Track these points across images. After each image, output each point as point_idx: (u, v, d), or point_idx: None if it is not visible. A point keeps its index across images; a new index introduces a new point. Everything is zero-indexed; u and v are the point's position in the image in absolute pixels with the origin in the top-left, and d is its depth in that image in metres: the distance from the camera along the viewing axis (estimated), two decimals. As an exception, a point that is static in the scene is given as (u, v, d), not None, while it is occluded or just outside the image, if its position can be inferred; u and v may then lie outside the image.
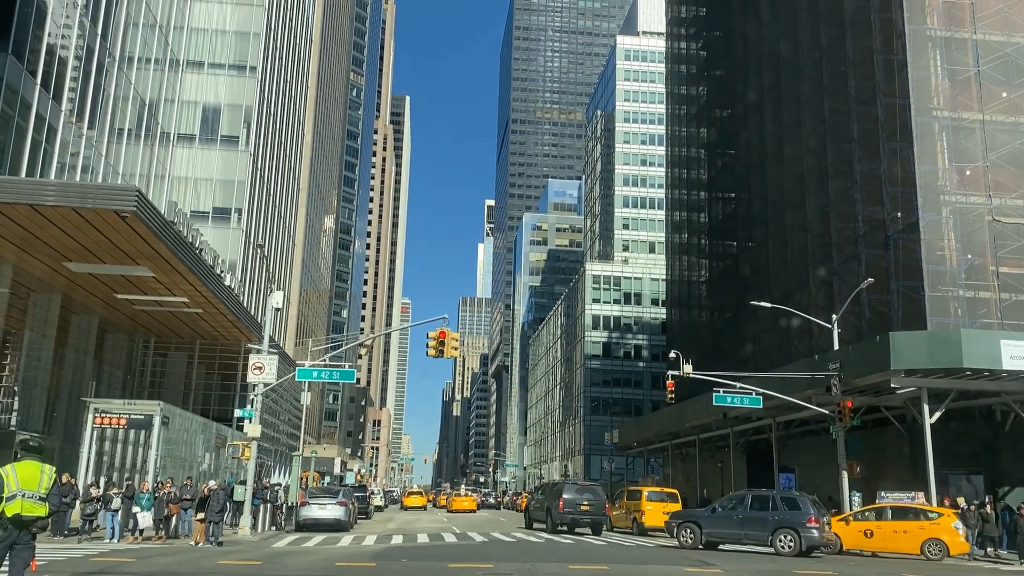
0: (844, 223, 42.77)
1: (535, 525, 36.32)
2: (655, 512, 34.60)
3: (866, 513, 26.92)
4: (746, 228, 59.30)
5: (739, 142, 62.42)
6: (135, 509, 24.19)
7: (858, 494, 31.83)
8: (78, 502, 24.08)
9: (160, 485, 26.01)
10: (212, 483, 25.47)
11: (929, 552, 24.21)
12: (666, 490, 39.47)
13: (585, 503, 33.36)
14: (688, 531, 26.01)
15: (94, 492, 24.39)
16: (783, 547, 23.71)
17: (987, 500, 27.93)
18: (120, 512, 24.19)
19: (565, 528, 33.50)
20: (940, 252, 36.04)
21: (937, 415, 28.20)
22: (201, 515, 24.13)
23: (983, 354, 27.19)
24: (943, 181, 36.89)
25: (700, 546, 25.35)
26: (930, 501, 27.27)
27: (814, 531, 23.35)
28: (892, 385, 28.78)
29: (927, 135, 36.93)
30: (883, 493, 31.00)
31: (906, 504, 27.54)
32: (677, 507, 34.46)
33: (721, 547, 25.52)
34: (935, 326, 33.68)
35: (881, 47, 39.88)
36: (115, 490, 24.90)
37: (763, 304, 39.96)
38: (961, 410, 31.59)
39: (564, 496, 33.49)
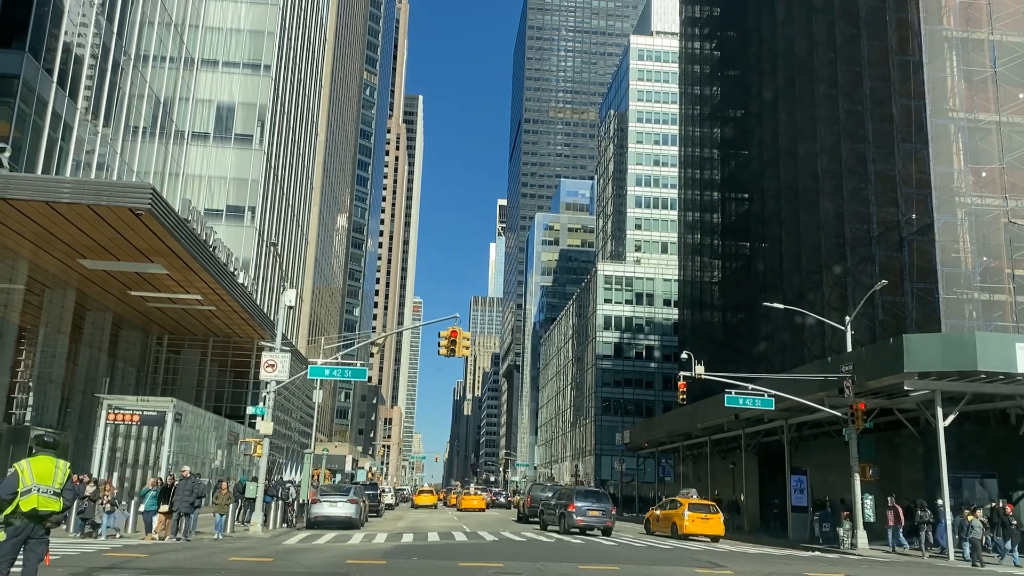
0: (858, 224, 42.54)
1: (530, 520, 44.11)
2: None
3: (664, 505, 37.00)
4: (759, 228, 59.08)
5: (753, 142, 62.19)
6: (141, 507, 23.46)
7: (871, 496, 31.66)
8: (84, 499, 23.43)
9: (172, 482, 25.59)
10: (186, 468, 24.03)
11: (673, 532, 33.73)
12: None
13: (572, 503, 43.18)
14: (540, 516, 37.73)
15: (88, 490, 23.16)
16: (558, 527, 33.50)
17: (1001, 503, 27.78)
18: (116, 510, 23.44)
19: (536, 520, 41.29)
20: (955, 254, 35.80)
21: (951, 418, 28.01)
22: (165, 507, 22.54)
23: (998, 357, 26.97)
24: (958, 182, 36.64)
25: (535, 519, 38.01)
26: (942, 503, 27.10)
27: (574, 515, 32.53)
28: (906, 387, 28.58)
29: (943, 136, 36.69)
30: (683, 490, 40.94)
31: (678, 499, 36.40)
32: None
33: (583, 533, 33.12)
34: (950, 328, 33.46)
35: (897, 47, 39.65)
36: (112, 489, 24.31)
37: (776, 305, 39.82)
38: (975, 413, 31.37)
39: (531, 495, 45.10)
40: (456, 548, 22.83)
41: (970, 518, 25.22)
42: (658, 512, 36.68)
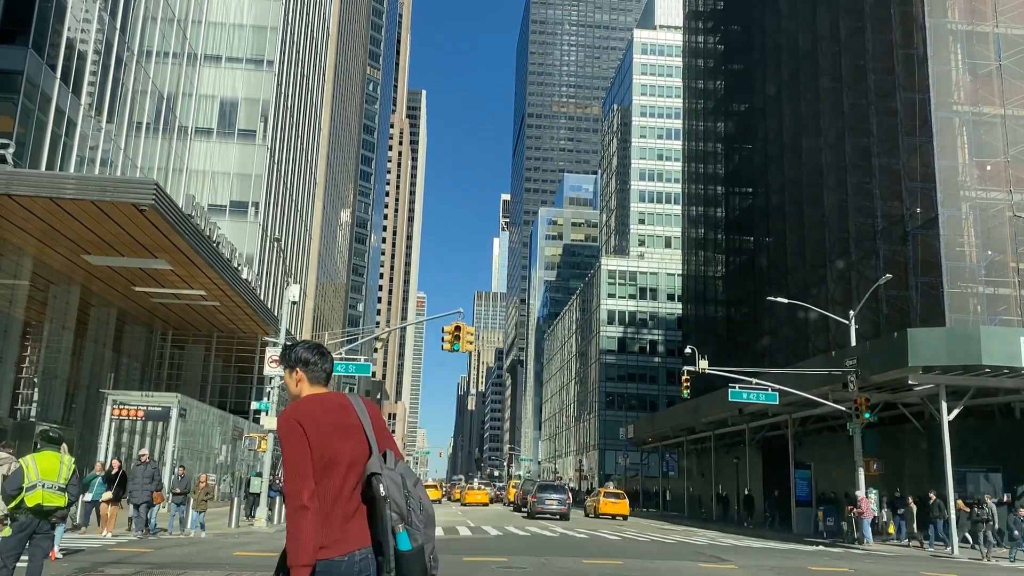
0: (863, 218, 42.47)
1: (520, 509, 50.05)
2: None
3: (594, 494, 49.72)
4: (763, 222, 59.01)
5: (756, 136, 62.09)
6: (87, 496, 21.32)
7: (875, 491, 31.65)
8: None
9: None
10: (143, 452, 22.20)
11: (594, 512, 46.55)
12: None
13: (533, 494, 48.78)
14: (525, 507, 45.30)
15: None
16: (526, 511, 42.12)
17: (1005, 497, 27.77)
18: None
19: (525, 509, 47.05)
20: (960, 248, 35.73)
21: (955, 412, 27.96)
22: (108, 494, 20.28)
23: (1002, 351, 26.91)
24: (963, 176, 36.56)
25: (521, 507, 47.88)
26: (948, 498, 27.10)
27: (536, 504, 39.90)
28: (910, 382, 28.55)
29: (947, 129, 36.59)
30: (607, 483, 56.98)
31: (600, 489, 51.61)
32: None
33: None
34: (954, 323, 33.40)
35: (901, 41, 39.52)
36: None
37: (780, 299, 39.79)
38: (979, 407, 31.32)
39: (523, 488, 52.53)
40: (460, 542, 22.88)
41: None
42: (589, 499, 50.22)
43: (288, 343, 2.89)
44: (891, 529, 31.00)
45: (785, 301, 39.87)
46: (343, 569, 2.99)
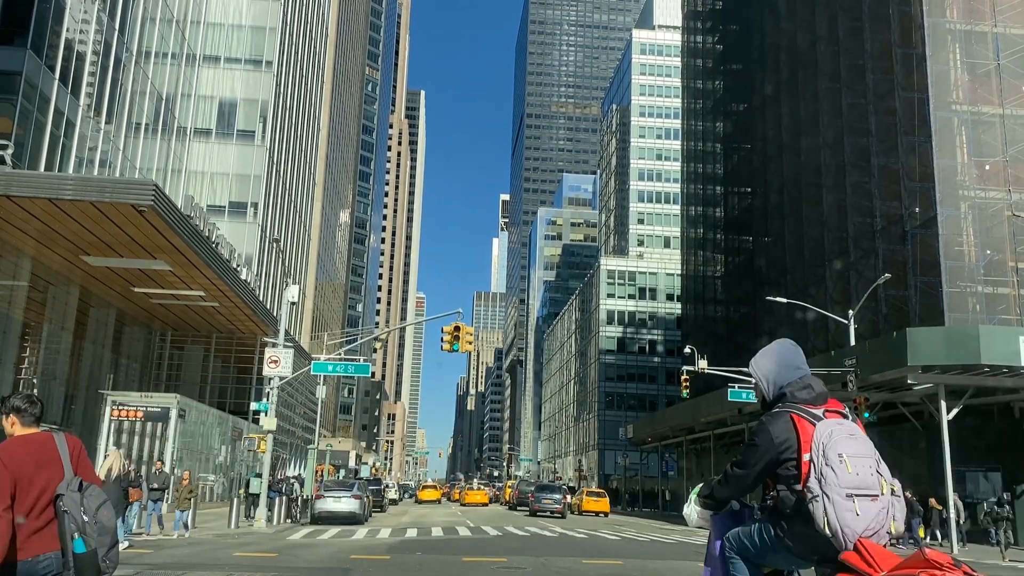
0: (861, 217, 42.49)
1: (517, 508, 54.38)
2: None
3: (579, 494, 53.97)
4: (762, 222, 59.03)
5: (755, 136, 62.11)
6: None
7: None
8: None
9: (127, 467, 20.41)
10: (112, 448, 21.60)
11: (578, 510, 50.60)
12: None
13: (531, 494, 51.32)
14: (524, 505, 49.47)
15: None
16: (526, 510, 46.02)
17: (1005, 497, 27.78)
18: None
19: (522, 507, 50.89)
20: (959, 247, 35.76)
21: (954, 412, 27.98)
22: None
23: (1001, 350, 26.94)
24: (962, 176, 36.58)
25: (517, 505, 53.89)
26: (947, 497, 27.14)
27: (533, 503, 43.97)
28: (909, 381, 28.57)
29: (946, 129, 36.61)
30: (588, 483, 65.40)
31: (584, 488, 58.35)
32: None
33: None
34: (953, 322, 33.42)
35: (900, 40, 39.54)
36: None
37: (779, 299, 39.77)
38: (979, 406, 31.33)
39: (519, 489, 58.24)
40: (460, 543, 22.87)
41: None
42: (574, 498, 53.82)
43: (5, 396, 4.28)
44: (921, 531, 30.70)
45: (784, 301, 39.87)
46: (35, 568, 3.87)
